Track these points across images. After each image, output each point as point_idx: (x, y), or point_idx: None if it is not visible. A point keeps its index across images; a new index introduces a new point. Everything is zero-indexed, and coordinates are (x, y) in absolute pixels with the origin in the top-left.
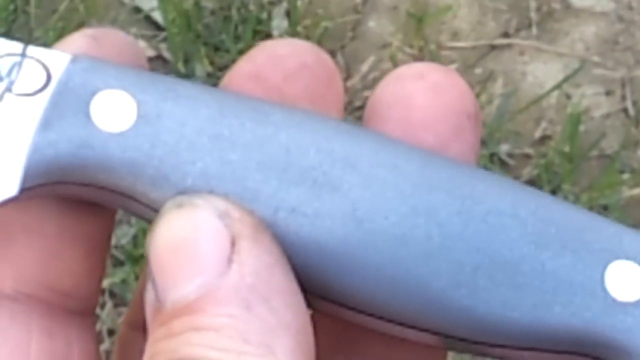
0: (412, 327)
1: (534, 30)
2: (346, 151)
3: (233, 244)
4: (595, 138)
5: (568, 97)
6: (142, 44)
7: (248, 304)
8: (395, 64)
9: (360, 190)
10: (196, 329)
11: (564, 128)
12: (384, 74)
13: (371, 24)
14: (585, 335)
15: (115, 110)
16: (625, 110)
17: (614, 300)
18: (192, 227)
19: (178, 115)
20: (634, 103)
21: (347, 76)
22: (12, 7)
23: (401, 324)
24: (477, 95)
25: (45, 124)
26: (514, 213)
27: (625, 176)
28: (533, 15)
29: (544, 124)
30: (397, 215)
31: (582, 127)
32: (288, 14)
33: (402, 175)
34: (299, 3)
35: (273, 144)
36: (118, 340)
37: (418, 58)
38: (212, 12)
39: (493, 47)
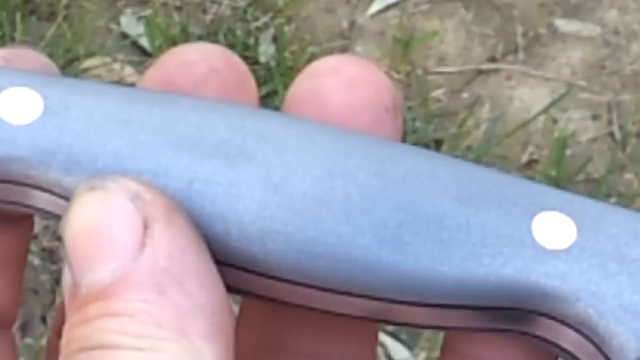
0: (341, 293)
1: (521, 55)
2: (257, 126)
3: (146, 227)
4: (581, 162)
5: (555, 121)
6: (129, 69)
7: (161, 288)
8: None
9: (274, 159)
10: (111, 315)
11: (550, 152)
12: None
13: (358, 49)
14: (518, 284)
15: (21, 105)
16: (611, 134)
17: (543, 249)
18: (104, 211)
19: (85, 105)
20: (621, 127)
21: None
22: None
23: (329, 290)
24: (464, 120)
25: None
26: (434, 173)
27: (612, 200)
28: (519, 40)
29: (530, 149)
30: (314, 178)
31: (568, 152)
32: (275, 39)
33: (316, 144)
34: (286, 29)
35: (183, 123)
36: (46, 349)
37: (405, 83)
38: (199, 38)
39: (480, 72)
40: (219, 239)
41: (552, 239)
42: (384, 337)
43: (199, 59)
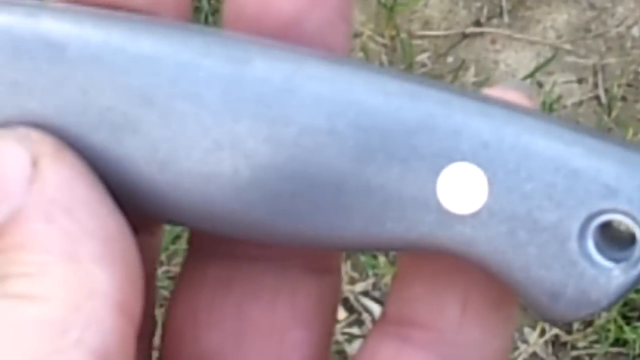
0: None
1: (506, 18)
2: (142, 84)
3: (35, 164)
4: None
5: (540, 85)
6: None
7: (49, 217)
8: (367, 54)
9: (159, 129)
10: (1, 251)
11: None
12: None
13: None
14: (424, 247)
15: None
16: (597, 97)
17: (449, 213)
18: None
19: None
20: (606, 90)
21: None
22: None
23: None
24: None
25: None
26: (331, 128)
27: None
28: (504, 3)
29: None
30: (200, 152)
31: (554, 115)
32: None
33: (202, 105)
34: None
35: (69, 85)
36: None
37: (390, 47)
38: None
39: (465, 36)
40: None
41: (459, 200)
42: (370, 303)
43: None
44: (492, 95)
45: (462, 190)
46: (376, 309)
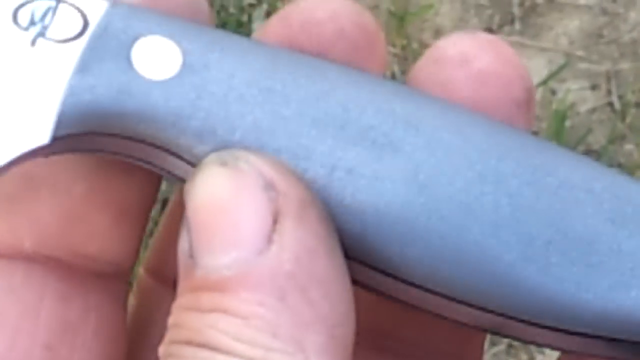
0: (474, 306)
1: (517, 25)
2: (407, 112)
3: (275, 221)
4: (581, 133)
5: (553, 92)
6: None
7: (283, 293)
8: None
9: (423, 153)
10: (224, 312)
11: (550, 124)
12: None
13: None
14: None
15: (158, 57)
16: (611, 104)
17: None
18: (233, 193)
19: (227, 66)
20: (620, 97)
21: None
22: None
23: (462, 301)
24: None
25: (83, 67)
26: (589, 188)
27: None
28: (516, 11)
29: None
30: (463, 182)
31: (568, 123)
32: (269, 16)
33: (468, 140)
34: (279, 5)
35: (329, 101)
36: (136, 285)
37: (401, 57)
38: None
39: None
40: (354, 235)
41: None
42: None
43: (327, 18)
44: None
45: None
46: None
